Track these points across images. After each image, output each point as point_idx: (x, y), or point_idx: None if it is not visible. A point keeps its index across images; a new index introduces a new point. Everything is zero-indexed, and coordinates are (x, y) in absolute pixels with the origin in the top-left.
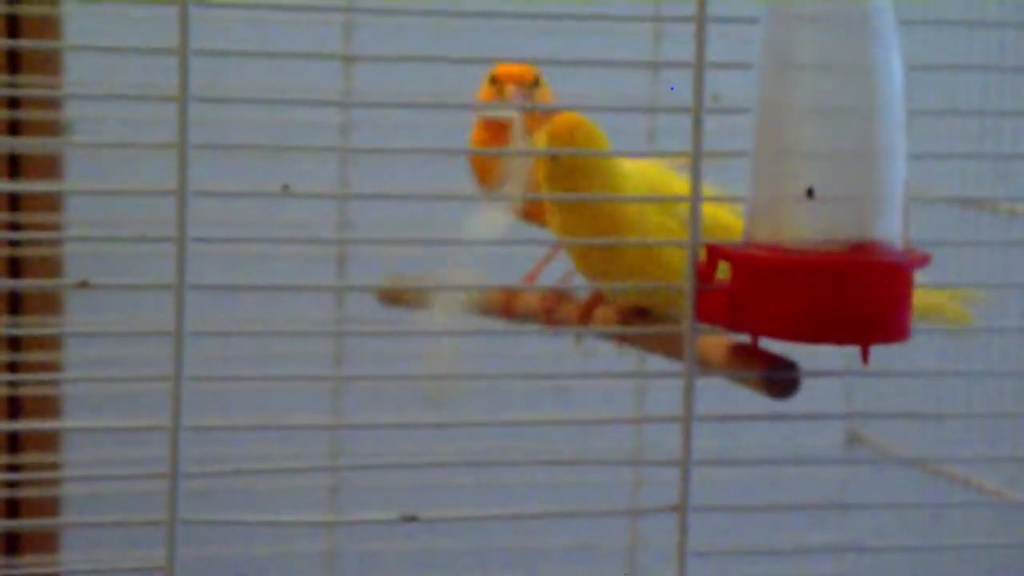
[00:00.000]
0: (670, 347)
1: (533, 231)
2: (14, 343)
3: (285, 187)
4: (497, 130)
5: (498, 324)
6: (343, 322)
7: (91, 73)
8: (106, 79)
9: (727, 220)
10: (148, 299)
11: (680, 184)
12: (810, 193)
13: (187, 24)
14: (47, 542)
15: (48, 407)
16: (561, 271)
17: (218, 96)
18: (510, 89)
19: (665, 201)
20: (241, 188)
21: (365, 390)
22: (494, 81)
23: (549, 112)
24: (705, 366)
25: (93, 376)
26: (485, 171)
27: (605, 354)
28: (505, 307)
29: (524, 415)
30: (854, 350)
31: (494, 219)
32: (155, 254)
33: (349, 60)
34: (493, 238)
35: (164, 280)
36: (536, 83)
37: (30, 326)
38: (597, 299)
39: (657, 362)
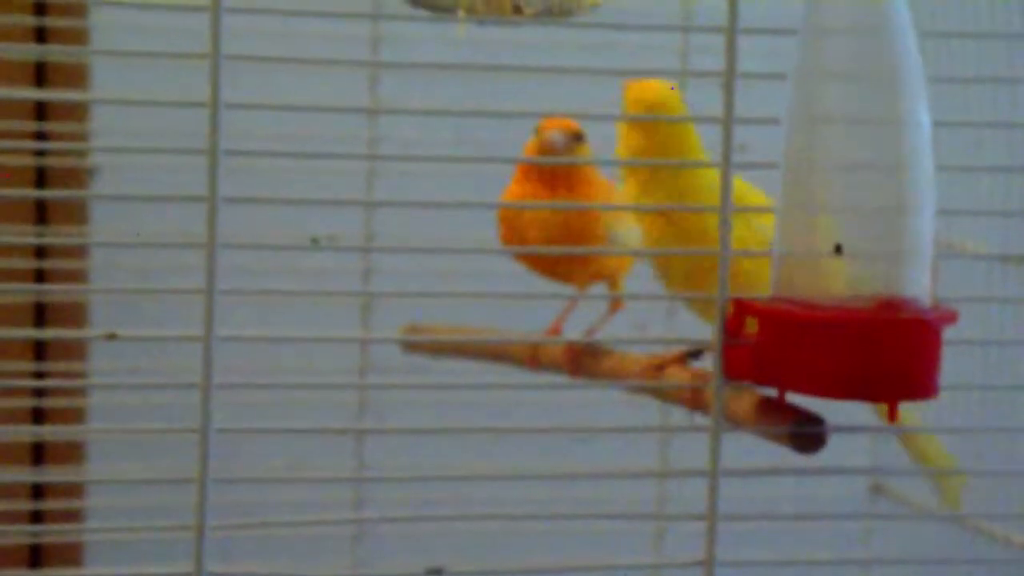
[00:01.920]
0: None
1: (554, 285)
2: (39, 387)
3: (314, 240)
4: (534, 184)
5: (523, 375)
6: (368, 364)
7: (118, 121)
8: (133, 127)
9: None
10: (174, 344)
11: (755, 196)
12: (838, 249)
13: (218, 76)
14: None
15: (72, 453)
16: (586, 323)
17: (247, 149)
18: (549, 131)
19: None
20: (269, 239)
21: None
22: (537, 132)
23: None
24: (732, 421)
25: (118, 428)
26: (510, 228)
27: (631, 405)
28: (531, 358)
29: (548, 463)
30: None
31: None
32: (182, 301)
33: (374, 112)
34: None
35: (191, 331)
36: (579, 138)
37: (55, 373)
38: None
39: (683, 414)
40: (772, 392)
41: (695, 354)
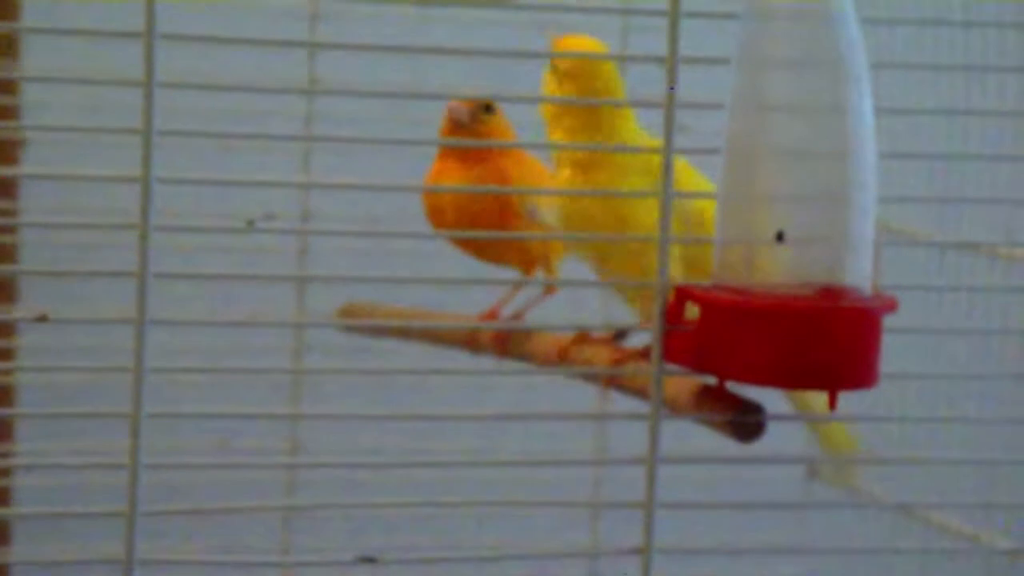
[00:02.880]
0: (642, 387)
1: (495, 269)
2: None
3: (249, 223)
4: (447, 161)
5: (459, 357)
6: (303, 342)
7: (49, 95)
8: (65, 101)
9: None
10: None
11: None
12: (780, 237)
13: (152, 55)
14: None
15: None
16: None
17: (182, 128)
18: (452, 106)
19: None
20: (205, 218)
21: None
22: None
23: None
24: (671, 408)
25: (48, 412)
26: (432, 209)
27: (568, 387)
28: (469, 340)
29: (485, 445)
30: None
31: None
32: (117, 279)
33: (311, 93)
34: None
35: (125, 310)
36: (488, 109)
37: None
38: (581, 339)
39: (622, 400)
40: (711, 379)
41: (621, 335)
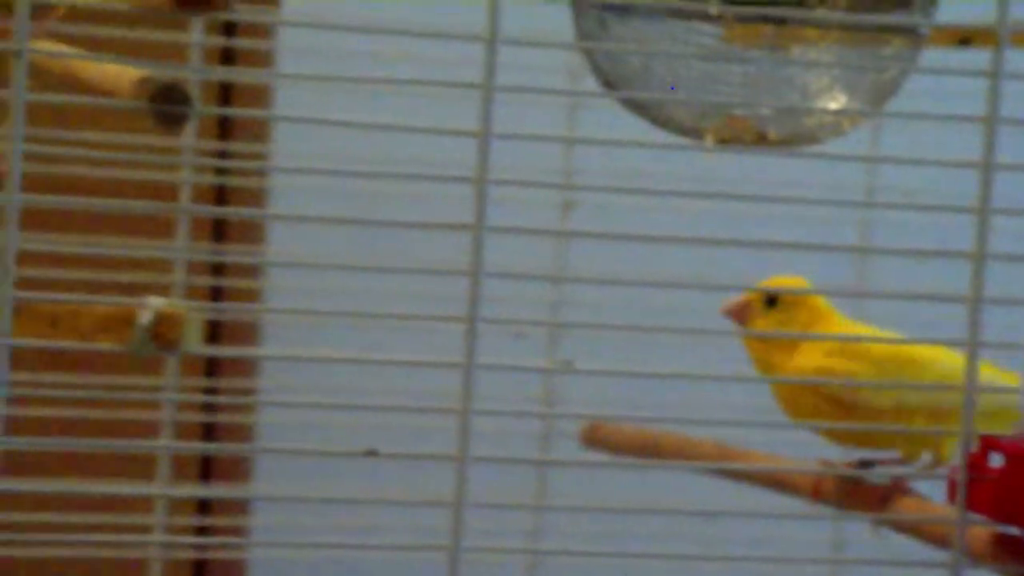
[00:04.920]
0: (925, 531)
1: None
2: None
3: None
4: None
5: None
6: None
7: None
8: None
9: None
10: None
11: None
12: None
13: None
14: None
15: (238, 470)
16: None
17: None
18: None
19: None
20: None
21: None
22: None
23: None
24: (968, 555)
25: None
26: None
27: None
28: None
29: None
30: None
31: None
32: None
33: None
34: None
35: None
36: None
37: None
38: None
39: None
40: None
41: (866, 464)
